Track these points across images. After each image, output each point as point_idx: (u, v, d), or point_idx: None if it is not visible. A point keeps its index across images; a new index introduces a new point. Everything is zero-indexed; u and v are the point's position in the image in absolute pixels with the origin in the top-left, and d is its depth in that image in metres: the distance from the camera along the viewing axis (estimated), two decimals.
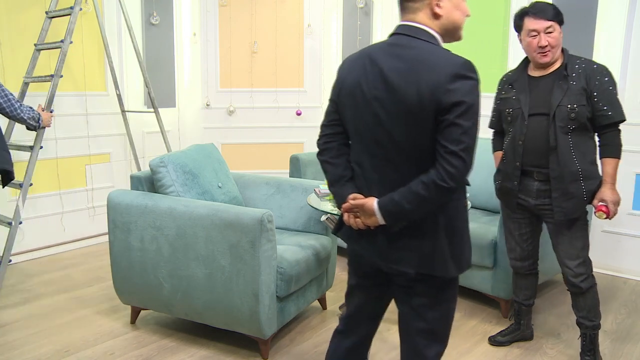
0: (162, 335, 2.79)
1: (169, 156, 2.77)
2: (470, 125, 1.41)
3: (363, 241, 1.62)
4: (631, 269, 3.68)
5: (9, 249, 3.30)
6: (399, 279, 1.62)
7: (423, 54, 1.46)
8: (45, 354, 2.60)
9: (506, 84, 2.53)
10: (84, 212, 4.26)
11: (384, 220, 1.51)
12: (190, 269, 2.53)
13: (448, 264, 1.53)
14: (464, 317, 3.04)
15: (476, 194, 3.45)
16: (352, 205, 1.56)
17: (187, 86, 4.90)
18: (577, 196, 2.33)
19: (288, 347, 2.70)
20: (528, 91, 2.40)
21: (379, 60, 1.51)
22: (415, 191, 1.45)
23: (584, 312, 2.45)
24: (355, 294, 1.78)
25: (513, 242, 2.60)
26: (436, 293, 1.60)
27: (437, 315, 1.62)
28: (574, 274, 2.40)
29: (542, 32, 2.31)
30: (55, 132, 3.97)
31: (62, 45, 3.52)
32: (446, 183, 1.41)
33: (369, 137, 1.55)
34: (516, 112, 2.41)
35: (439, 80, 1.40)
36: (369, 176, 1.58)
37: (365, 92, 1.52)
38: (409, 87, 1.43)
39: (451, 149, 1.41)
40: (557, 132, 2.30)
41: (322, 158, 1.68)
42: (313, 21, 4.79)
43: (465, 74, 1.42)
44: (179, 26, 4.77)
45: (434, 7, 1.51)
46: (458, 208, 1.56)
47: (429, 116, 1.42)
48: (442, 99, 1.40)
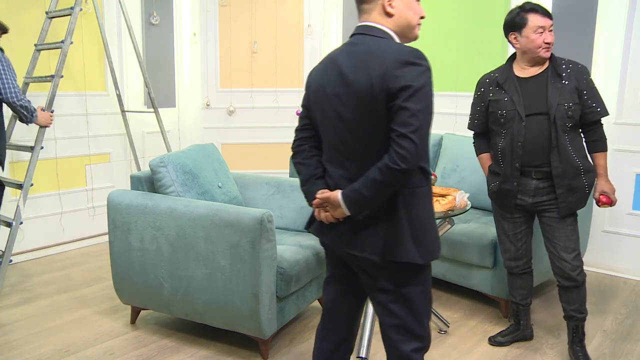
0: (162, 335, 2.79)
1: (169, 156, 2.77)
2: (419, 108, 1.45)
3: (332, 233, 1.67)
4: (631, 269, 3.68)
5: (10, 249, 3.30)
6: (366, 269, 1.65)
7: (374, 47, 1.53)
8: (45, 354, 2.60)
9: (492, 85, 2.52)
10: (84, 212, 4.26)
11: (348, 210, 1.56)
12: (190, 269, 2.53)
13: (410, 249, 1.55)
14: (464, 317, 3.04)
15: (476, 194, 3.45)
16: (319, 199, 1.62)
17: (187, 86, 4.90)
18: (581, 189, 2.41)
19: (288, 347, 2.70)
20: (519, 92, 2.42)
21: (338, 60, 1.59)
22: (372, 178, 1.50)
23: (575, 305, 2.49)
24: (330, 286, 1.85)
25: (507, 242, 2.61)
26: (401, 286, 1.62)
27: (406, 311, 1.64)
28: (572, 267, 2.43)
29: (547, 30, 2.37)
30: (55, 132, 3.97)
31: (63, 46, 3.52)
32: (398, 165, 1.45)
33: (333, 134, 1.62)
34: (511, 113, 2.42)
35: (387, 67, 1.47)
36: (336, 172, 1.64)
37: (328, 91, 1.60)
38: (361, 79, 1.51)
39: (400, 132, 1.45)
40: (558, 130, 2.34)
41: (295, 160, 1.77)
42: (313, 21, 4.79)
43: (413, 60, 1.47)
44: (179, 26, 4.77)
45: (386, 7, 1.58)
46: (418, 195, 1.58)
47: (382, 104, 1.48)
48: (390, 85, 1.46)
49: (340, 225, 1.62)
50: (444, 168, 3.72)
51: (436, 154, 3.88)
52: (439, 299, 3.27)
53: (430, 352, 2.64)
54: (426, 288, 1.67)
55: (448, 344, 2.73)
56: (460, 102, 4.28)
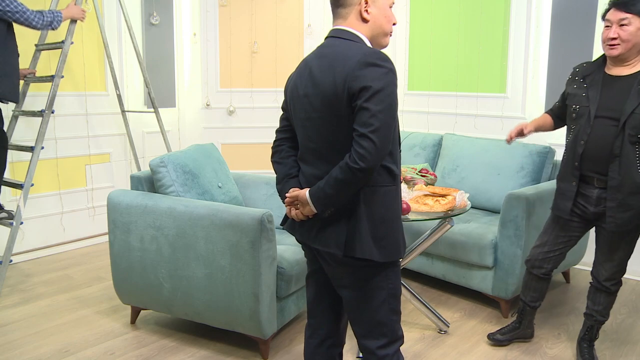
0: (162, 335, 2.79)
1: (169, 156, 2.77)
2: (379, 109, 1.48)
3: (302, 229, 1.71)
4: (631, 269, 3.67)
5: (10, 249, 3.31)
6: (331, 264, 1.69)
7: (342, 49, 1.57)
8: (45, 354, 2.60)
9: (578, 76, 2.36)
10: (84, 212, 4.26)
11: (314, 208, 1.61)
12: (190, 269, 2.53)
13: (368, 246, 1.58)
14: (464, 317, 3.04)
15: (476, 194, 3.45)
16: (289, 197, 1.67)
17: (187, 86, 4.90)
18: (636, 208, 2.22)
19: (288, 347, 2.70)
20: (600, 89, 2.24)
21: (310, 62, 1.65)
22: (334, 176, 1.54)
23: (599, 307, 2.45)
24: (310, 282, 1.89)
25: (547, 236, 2.48)
26: (363, 283, 1.65)
27: (368, 307, 1.67)
28: (607, 278, 2.39)
29: (616, 24, 2.17)
30: (55, 132, 3.98)
31: (63, 46, 3.52)
32: (357, 164, 1.49)
33: (304, 133, 1.68)
34: (583, 109, 2.25)
35: (349, 68, 1.50)
36: (308, 171, 1.69)
37: (299, 92, 1.66)
38: (326, 79, 1.55)
39: (361, 132, 1.48)
40: (625, 140, 2.16)
41: (273, 159, 1.81)
42: (313, 21, 4.78)
43: (374, 62, 1.50)
44: (179, 26, 4.77)
45: (362, 12, 1.62)
46: (381, 194, 1.60)
47: (345, 105, 1.52)
48: (352, 86, 1.49)
49: (309, 221, 1.67)
50: (444, 168, 3.72)
51: (436, 154, 3.88)
52: (439, 298, 3.27)
53: (430, 352, 2.64)
54: (392, 286, 1.68)
55: (448, 344, 2.73)
56: (460, 102, 4.29)
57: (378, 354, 1.69)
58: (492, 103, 4.12)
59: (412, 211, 2.49)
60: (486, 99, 4.15)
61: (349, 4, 1.62)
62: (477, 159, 3.58)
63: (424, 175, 3.03)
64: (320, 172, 1.62)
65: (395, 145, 1.63)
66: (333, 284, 1.76)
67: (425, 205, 2.53)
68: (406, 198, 2.57)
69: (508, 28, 3.94)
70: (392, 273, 1.67)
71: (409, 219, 2.47)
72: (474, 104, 4.21)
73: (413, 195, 2.65)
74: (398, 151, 1.66)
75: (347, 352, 2.58)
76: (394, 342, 1.71)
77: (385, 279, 1.66)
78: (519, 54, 3.94)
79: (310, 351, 1.89)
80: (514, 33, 3.93)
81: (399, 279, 1.71)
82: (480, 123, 4.19)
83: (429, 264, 3.31)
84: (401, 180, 2.88)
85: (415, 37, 4.49)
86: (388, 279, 1.67)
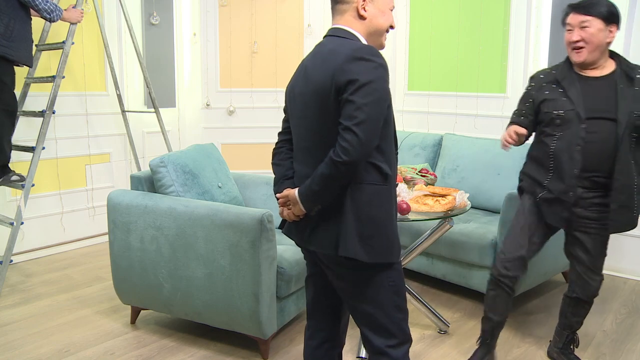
0: (162, 335, 2.79)
1: (169, 156, 2.77)
2: (365, 102, 1.46)
3: (297, 231, 1.71)
4: (631, 269, 3.68)
5: (10, 249, 3.31)
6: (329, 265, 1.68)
7: (335, 46, 1.57)
8: (45, 354, 2.60)
9: (546, 82, 2.27)
10: (84, 212, 4.27)
11: (302, 206, 1.60)
12: (190, 269, 2.53)
13: (354, 246, 1.55)
14: (464, 317, 3.04)
15: (476, 194, 3.45)
16: (281, 197, 1.68)
17: (187, 86, 4.90)
18: (633, 210, 2.20)
19: (288, 347, 2.70)
20: (580, 91, 2.17)
21: (306, 62, 1.66)
22: (320, 172, 1.53)
23: (580, 318, 2.44)
24: (309, 284, 1.88)
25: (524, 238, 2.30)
26: (361, 283, 1.63)
27: (369, 307, 1.65)
28: (596, 289, 2.34)
29: (577, 27, 2.15)
30: (56, 132, 3.98)
31: (64, 46, 3.52)
32: (340, 158, 1.47)
33: (298, 132, 1.68)
34: (569, 114, 2.16)
35: (338, 63, 1.50)
36: (302, 170, 1.68)
37: (296, 91, 1.67)
38: (318, 75, 1.56)
39: (345, 125, 1.48)
40: (625, 140, 2.11)
41: (272, 161, 1.81)
42: (313, 21, 4.78)
43: (364, 56, 1.49)
44: (179, 26, 4.77)
45: (360, 10, 1.62)
46: (369, 192, 1.57)
47: (333, 99, 1.52)
48: (339, 79, 1.49)
49: (302, 222, 1.66)
50: (444, 168, 3.72)
51: (436, 154, 3.88)
52: (439, 298, 3.27)
53: (430, 352, 2.64)
54: (393, 283, 1.65)
55: (448, 344, 2.73)
56: (460, 102, 4.29)
57: (389, 353, 1.65)
58: (492, 103, 4.12)
59: (412, 211, 2.49)
60: (486, 99, 4.16)
61: (348, 0, 1.62)
62: (477, 159, 3.58)
63: (424, 175, 3.03)
64: (311, 170, 1.60)
65: (389, 143, 1.59)
66: (334, 285, 1.75)
67: (425, 205, 2.53)
68: (406, 198, 2.57)
69: (508, 28, 3.94)
70: (391, 273, 1.66)
71: (409, 219, 2.47)
72: (474, 104, 4.21)
73: (413, 195, 2.65)
74: (392, 151, 1.62)
75: (347, 352, 2.58)
76: (404, 343, 1.68)
77: (384, 279, 1.64)
78: (519, 54, 3.94)
79: (309, 352, 1.89)
80: (514, 33, 3.93)
81: (402, 276, 1.69)
82: (480, 123, 4.19)
83: (429, 264, 3.31)
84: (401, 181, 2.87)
85: (415, 37, 4.49)
86: (389, 277, 1.65)
